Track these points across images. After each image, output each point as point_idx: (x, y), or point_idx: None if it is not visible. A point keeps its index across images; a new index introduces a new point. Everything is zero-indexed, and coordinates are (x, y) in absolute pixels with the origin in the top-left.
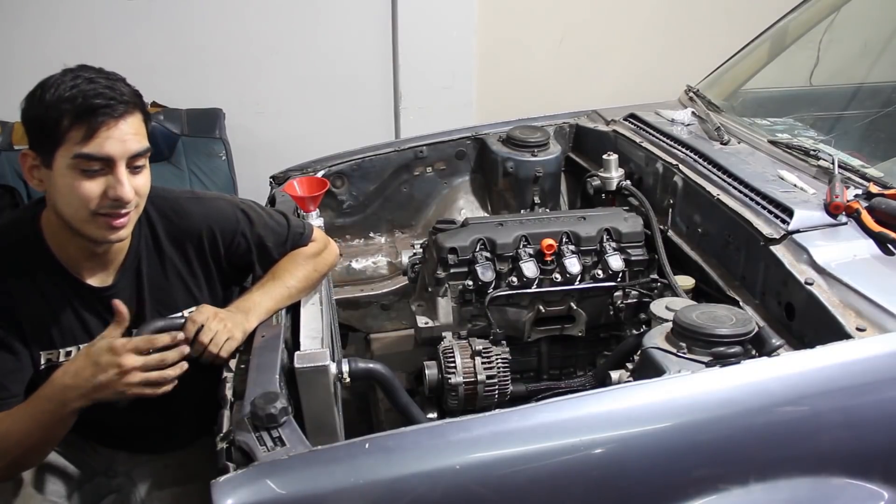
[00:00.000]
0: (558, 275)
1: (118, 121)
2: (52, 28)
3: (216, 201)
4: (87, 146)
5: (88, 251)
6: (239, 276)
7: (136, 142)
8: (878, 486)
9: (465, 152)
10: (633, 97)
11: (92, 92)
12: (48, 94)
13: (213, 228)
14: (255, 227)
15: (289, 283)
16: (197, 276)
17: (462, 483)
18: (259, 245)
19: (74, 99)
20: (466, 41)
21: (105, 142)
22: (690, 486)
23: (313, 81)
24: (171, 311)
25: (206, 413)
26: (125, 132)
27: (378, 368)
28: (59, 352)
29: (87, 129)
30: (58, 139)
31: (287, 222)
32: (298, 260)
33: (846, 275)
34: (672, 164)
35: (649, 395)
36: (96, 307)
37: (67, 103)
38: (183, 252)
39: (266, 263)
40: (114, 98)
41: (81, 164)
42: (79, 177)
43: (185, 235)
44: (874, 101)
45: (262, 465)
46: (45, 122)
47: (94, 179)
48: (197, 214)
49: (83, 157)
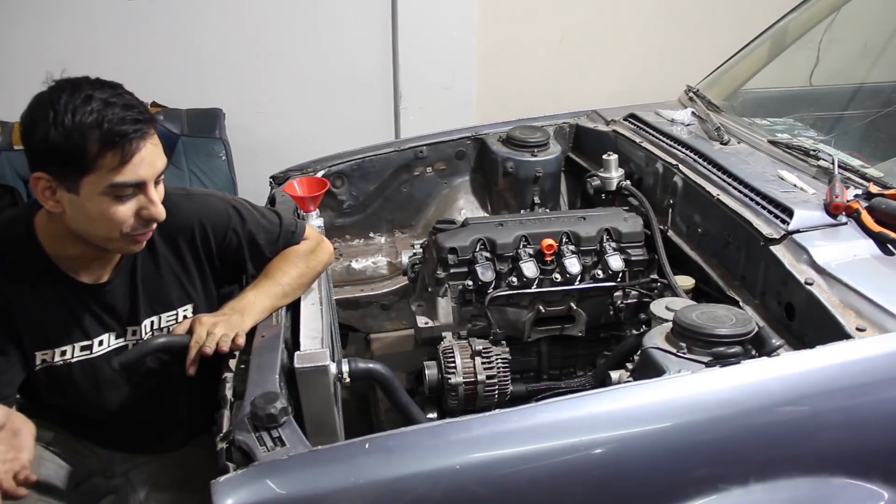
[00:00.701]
0: (558, 275)
1: (146, 142)
2: (52, 28)
3: (207, 197)
4: (121, 174)
5: (92, 256)
6: (232, 274)
7: (161, 159)
8: (878, 486)
9: (465, 152)
10: (633, 97)
11: (116, 118)
12: (66, 118)
13: (204, 224)
14: (246, 225)
15: (282, 282)
16: (191, 273)
17: (462, 483)
18: (251, 242)
19: (100, 125)
20: (466, 41)
21: (139, 168)
22: (690, 486)
23: (313, 81)
24: (165, 309)
25: (203, 413)
26: (153, 153)
27: (378, 368)
28: (54, 351)
29: (122, 158)
30: (86, 167)
31: (279, 220)
32: (291, 258)
33: (846, 275)
34: (672, 164)
35: (649, 395)
36: (91, 305)
37: (93, 131)
38: (176, 248)
39: (258, 261)
40: (138, 120)
41: (116, 192)
42: (112, 203)
43: (177, 231)
44: (874, 101)
45: (262, 465)
46: (68, 149)
47: (126, 203)
48: (188, 210)
49: (119, 185)
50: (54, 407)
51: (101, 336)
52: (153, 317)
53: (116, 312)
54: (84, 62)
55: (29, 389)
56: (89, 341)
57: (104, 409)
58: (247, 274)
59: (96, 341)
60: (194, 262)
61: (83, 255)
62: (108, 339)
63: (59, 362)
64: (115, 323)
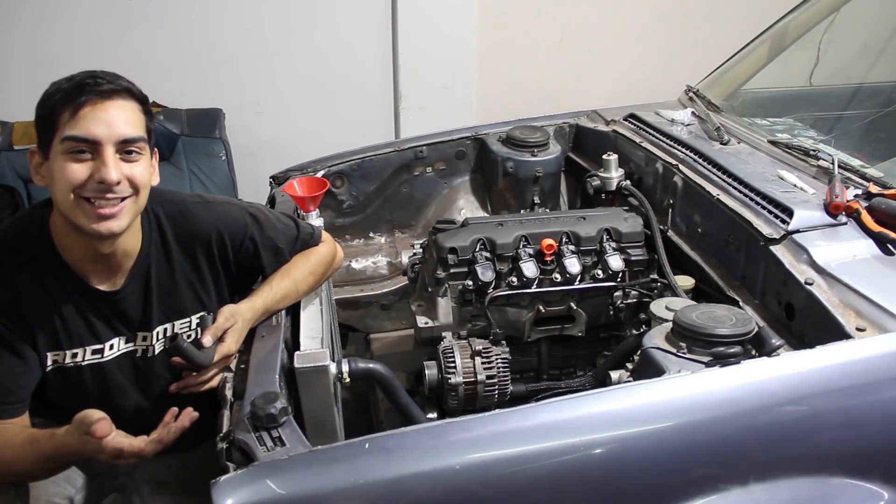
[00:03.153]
0: (558, 275)
1: (104, 101)
2: (52, 28)
3: (225, 205)
4: (73, 128)
5: (93, 253)
6: (248, 279)
7: (126, 127)
8: (878, 486)
9: (465, 152)
10: (633, 97)
11: (81, 77)
12: (49, 89)
13: (221, 232)
14: (264, 231)
15: (300, 288)
16: (205, 281)
17: (462, 483)
18: (271, 248)
19: (67, 85)
20: (466, 41)
21: (91, 123)
22: (690, 486)
23: (313, 81)
24: (179, 316)
25: (207, 414)
26: (113, 115)
27: (378, 368)
28: (66, 353)
29: (73, 108)
30: (53, 127)
31: (296, 224)
32: (312, 264)
33: (846, 275)
34: (672, 164)
35: (649, 395)
36: (103, 310)
37: (61, 91)
38: (192, 256)
39: (278, 265)
40: (103, 79)
41: (70, 147)
42: (68, 160)
43: (193, 239)
44: (874, 101)
45: (262, 465)
46: (42, 114)
47: (83, 163)
48: (206, 218)
49: (70, 139)
50: (62, 408)
51: (111, 340)
52: (166, 324)
53: (129, 318)
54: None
55: (37, 389)
56: (101, 345)
57: (112, 413)
58: (265, 277)
59: (107, 345)
60: (210, 269)
61: (86, 253)
62: (119, 343)
63: (70, 364)
64: (125, 328)
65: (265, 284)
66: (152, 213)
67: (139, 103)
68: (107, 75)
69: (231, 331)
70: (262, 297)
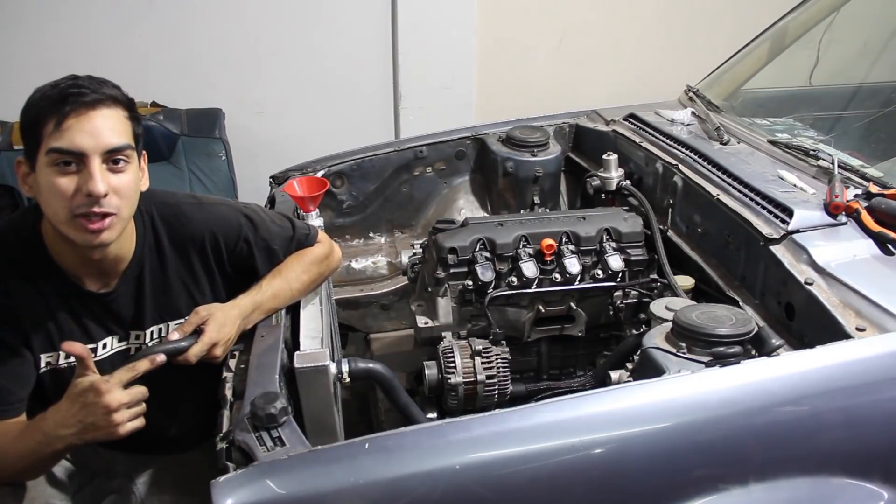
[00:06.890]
0: (558, 275)
1: (89, 112)
2: (52, 28)
3: (219, 206)
4: (57, 139)
5: (85, 259)
6: (243, 280)
7: (112, 136)
8: (878, 486)
9: (464, 152)
10: (633, 97)
11: (64, 85)
12: (33, 97)
13: (215, 234)
14: (259, 232)
15: (294, 287)
16: (199, 282)
17: (462, 483)
18: (265, 249)
19: (51, 94)
20: (466, 41)
21: (75, 134)
22: (690, 486)
23: (313, 82)
24: (173, 318)
25: (207, 415)
26: (98, 125)
27: (378, 368)
28: (60, 354)
29: (57, 120)
30: (38, 138)
31: (291, 224)
32: (306, 263)
33: (846, 275)
34: (672, 164)
35: (649, 395)
36: (96, 311)
37: (45, 100)
38: (185, 257)
39: (271, 266)
40: (87, 88)
41: (55, 159)
42: (54, 174)
43: (187, 241)
44: (874, 101)
45: (261, 465)
46: (25, 123)
47: (69, 176)
48: (199, 220)
49: (55, 151)
50: None
51: (104, 339)
52: (161, 324)
53: (121, 318)
54: (84, 62)
55: (33, 391)
56: (94, 344)
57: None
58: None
59: (100, 345)
60: (204, 271)
61: (79, 259)
62: (112, 342)
63: (64, 365)
64: (118, 327)
65: (255, 284)
66: (146, 215)
67: (125, 109)
68: (91, 83)
69: (209, 321)
70: (251, 295)
